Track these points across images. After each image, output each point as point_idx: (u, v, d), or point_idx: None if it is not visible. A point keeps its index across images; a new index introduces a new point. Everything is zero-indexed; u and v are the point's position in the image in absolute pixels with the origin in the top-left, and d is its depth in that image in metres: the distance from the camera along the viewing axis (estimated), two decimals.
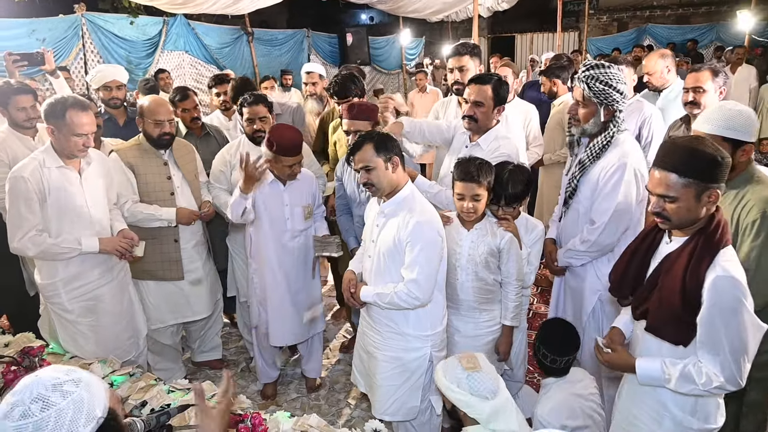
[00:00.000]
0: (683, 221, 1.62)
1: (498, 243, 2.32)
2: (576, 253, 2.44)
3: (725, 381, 1.56)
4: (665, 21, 13.41)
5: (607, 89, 2.22)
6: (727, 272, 1.53)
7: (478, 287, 2.37)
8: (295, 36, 10.89)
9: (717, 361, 1.56)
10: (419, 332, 2.25)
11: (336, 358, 3.60)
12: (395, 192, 2.19)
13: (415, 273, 2.09)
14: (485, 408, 1.77)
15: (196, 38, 8.37)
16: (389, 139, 2.19)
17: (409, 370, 2.27)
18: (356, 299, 2.29)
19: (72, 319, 2.55)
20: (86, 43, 6.47)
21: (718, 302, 1.54)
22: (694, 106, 2.84)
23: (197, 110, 3.53)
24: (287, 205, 2.79)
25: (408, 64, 13.23)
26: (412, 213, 2.13)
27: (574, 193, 2.43)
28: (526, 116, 3.78)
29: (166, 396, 2.02)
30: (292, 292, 2.88)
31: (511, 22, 14.51)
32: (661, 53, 3.74)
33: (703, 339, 1.59)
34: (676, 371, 1.62)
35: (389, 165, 2.14)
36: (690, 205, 1.57)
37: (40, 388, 1.01)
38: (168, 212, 2.84)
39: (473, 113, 2.57)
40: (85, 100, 2.45)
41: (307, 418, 1.94)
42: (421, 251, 2.09)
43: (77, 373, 1.08)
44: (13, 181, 2.36)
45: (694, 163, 1.55)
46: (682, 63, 7.06)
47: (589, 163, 2.35)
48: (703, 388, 1.58)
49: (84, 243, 2.45)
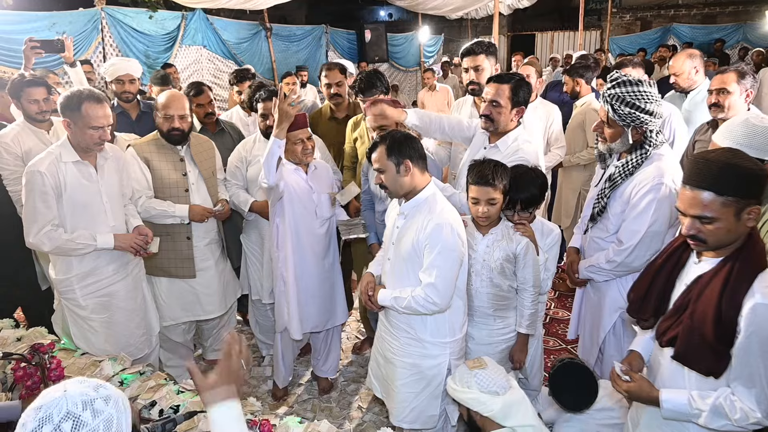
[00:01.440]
0: (722, 243, 1.50)
1: (514, 248, 2.24)
2: (599, 270, 2.33)
3: (763, 416, 1.43)
4: (690, 20, 13.11)
5: (634, 112, 2.05)
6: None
7: (493, 293, 2.30)
8: (314, 32, 10.85)
9: (752, 393, 1.44)
10: (438, 339, 2.18)
11: (348, 359, 3.56)
12: (414, 193, 2.13)
13: (433, 277, 2.03)
14: (497, 403, 1.78)
15: (215, 33, 8.38)
16: (404, 143, 2.09)
17: (427, 378, 2.21)
18: (374, 302, 2.23)
19: (85, 315, 2.54)
20: (105, 37, 6.51)
21: (757, 331, 1.42)
22: (718, 110, 2.74)
23: (212, 106, 3.50)
24: (315, 192, 2.79)
25: (426, 61, 13.14)
26: (431, 215, 2.06)
27: (603, 211, 2.30)
28: (548, 117, 3.69)
29: (176, 396, 1.99)
30: (320, 279, 2.89)
31: (532, 20, 14.32)
32: (689, 53, 3.62)
33: (739, 370, 1.46)
34: (706, 406, 1.50)
35: (400, 169, 2.07)
36: (730, 225, 1.45)
37: (69, 405, 0.97)
38: (181, 209, 2.82)
39: (489, 112, 2.48)
40: (101, 93, 2.43)
41: (317, 425, 1.89)
42: (439, 254, 2.02)
43: (106, 389, 1.04)
44: (30, 175, 2.34)
45: (732, 179, 1.43)
46: (710, 64, 6.87)
47: (621, 180, 2.21)
48: (737, 424, 1.46)
49: (99, 239, 2.43)
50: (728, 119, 2.67)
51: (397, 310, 2.16)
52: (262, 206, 3.00)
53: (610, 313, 2.39)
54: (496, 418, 1.80)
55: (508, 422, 1.79)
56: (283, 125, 2.47)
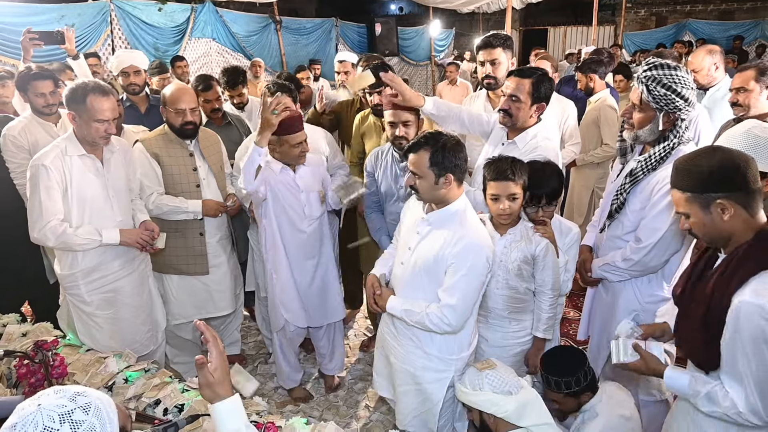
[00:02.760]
0: (710, 236, 1.53)
1: (533, 250, 2.16)
2: (615, 269, 2.25)
3: (747, 412, 1.44)
4: (707, 16, 12.89)
5: (670, 94, 1.97)
6: (757, 297, 1.37)
7: (508, 296, 2.23)
8: (324, 25, 10.79)
9: (741, 389, 1.45)
10: (445, 355, 2.10)
11: (355, 357, 3.52)
12: (445, 204, 1.99)
13: (455, 299, 1.92)
14: (511, 403, 1.75)
15: (224, 26, 8.35)
16: (452, 152, 1.92)
17: (425, 393, 2.14)
18: (380, 306, 2.15)
19: (90, 311, 2.51)
20: (114, 30, 6.49)
21: (740, 330, 1.40)
22: (740, 108, 2.70)
23: (219, 101, 3.43)
24: (303, 192, 2.71)
25: (437, 56, 13.03)
26: (463, 231, 1.93)
27: (622, 207, 2.21)
28: (563, 113, 3.59)
29: (180, 395, 1.96)
30: (311, 278, 2.83)
31: (545, 15, 14.15)
32: (709, 49, 3.53)
33: (727, 366, 1.48)
34: (704, 390, 1.53)
35: (440, 181, 1.93)
36: (702, 219, 1.49)
37: (46, 420, 0.89)
38: (194, 204, 2.77)
39: (508, 107, 2.39)
40: (106, 85, 2.39)
41: (324, 426, 1.84)
42: (464, 277, 1.91)
43: (85, 396, 0.96)
44: (34, 169, 2.31)
45: (685, 177, 1.50)
46: (728, 61, 6.73)
47: (642, 175, 2.12)
48: (724, 412, 1.48)
49: (104, 234, 2.40)
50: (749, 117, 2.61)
51: (406, 322, 2.08)
52: None
53: (624, 315, 2.29)
54: (511, 418, 1.77)
55: (523, 422, 1.76)
56: (265, 133, 2.38)
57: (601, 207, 2.48)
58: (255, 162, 2.40)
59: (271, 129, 2.39)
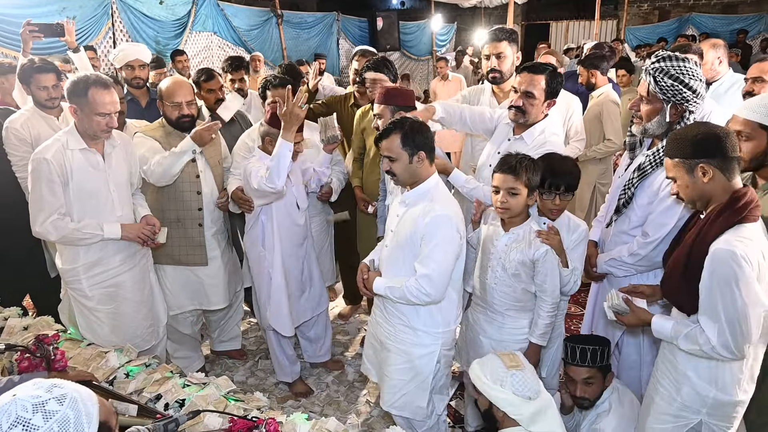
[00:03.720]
0: (692, 198, 1.75)
1: (532, 254, 2.13)
2: (621, 264, 2.25)
3: (719, 346, 1.65)
4: (710, 10, 12.79)
5: (677, 85, 1.98)
6: (729, 245, 1.59)
7: (504, 293, 2.22)
8: (325, 19, 10.75)
9: (715, 327, 1.66)
10: (430, 329, 2.16)
11: (356, 351, 3.52)
12: (419, 183, 2.11)
13: (429, 268, 2.00)
14: (529, 408, 1.73)
15: (225, 19, 8.31)
16: (420, 132, 2.06)
17: (416, 368, 2.20)
18: (368, 288, 2.21)
19: (91, 306, 2.51)
20: (115, 23, 6.46)
21: (715, 272, 1.62)
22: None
23: (222, 92, 3.42)
24: (294, 186, 2.77)
25: (438, 50, 12.98)
26: (432, 205, 2.04)
27: (630, 202, 2.21)
28: (568, 108, 3.57)
29: (181, 390, 1.96)
30: (300, 268, 2.92)
31: (546, 9, 14.07)
32: (713, 43, 3.51)
33: (703, 306, 1.69)
34: (684, 330, 1.75)
35: (413, 159, 2.05)
36: (686, 181, 1.72)
37: (19, 410, 0.90)
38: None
39: (522, 104, 2.37)
40: (108, 78, 2.38)
41: (325, 422, 1.84)
42: (436, 246, 2.01)
43: (62, 388, 0.96)
44: (36, 162, 2.30)
45: (673, 144, 1.74)
46: (732, 55, 6.68)
47: (651, 169, 2.12)
48: (700, 347, 1.70)
49: (106, 229, 2.39)
50: None
51: (392, 300, 2.14)
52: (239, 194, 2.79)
53: None
54: (523, 422, 1.75)
55: (535, 427, 1.74)
56: (293, 128, 2.42)
57: (607, 202, 2.47)
58: (287, 158, 2.43)
59: (299, 122, 2.44)
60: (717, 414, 1.79)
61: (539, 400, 1.76)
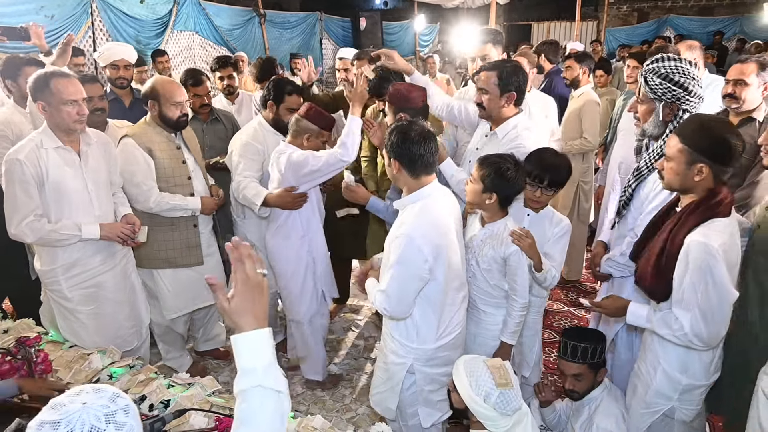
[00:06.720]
0: (673, 183, 1.79)
1: (502, 252, 2.15)
2: (616, 265, 2.29)
3: (692, 335, 1.72)
4: (687, 12, 13.07)
5: (667, 83, 2.03)
6: (704, 238, 1.66)
7: (478, 287, 2.26)
8: (308, 19, 10.72)
9: (688, 316, 1.72)
10: (403, 340, 2.11)
11: (345, 351, 3.52)
12: (406, 193, 2.06)
13: (385, 285, 1.97)
14: (507, 423, 1.74)
15: (207, 19, 8.24)
16: (409, 143, 1.93)
17: (390, 372, 2.19)
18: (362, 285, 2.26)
19: (71, 307, 2.47)
20: (95, 22, 6.36)
21: (689, 264, 1.68)
22: (733, 100, 2.63)
23: (209, 97, 3.40)
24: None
25: (422, 50, 13.03)
26: (404, 221, 1.97)
27: (628, 204, 2.26)
28: (544, 109, 3.63)
29: (166, 391, 1.95)
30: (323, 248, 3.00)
31: (528, 10, 14.23)
32: (689, 45, 3.56)
33: (677, 296, 1.75)
34: (659, 315, 1.82)
35: (400, 168, 1.99)
36: (679, 168, 1.74)
37: (92, 419, 0.93)
38: (194, 202, 2.78)
39: (480, 100, 2.47)
40: (68, 71, 2.36)
41: (311, 419, 1.85)
42: (395, 265, 1.94)
43: (124, 399, 1.01)
44: (9, 164, 2.25)
45: (695, 135, 1.71)
46: (708, 56, 6.83)
47: (648, 172, 2.17)
48: (674, 333, 1.77)
49: (84, 229, 2.35)
50: (742, 111, 2.61)
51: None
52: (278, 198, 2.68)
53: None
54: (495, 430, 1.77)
55: None
56: (360, 106, 2.65)
57: (613, 204, 2.53)
58: (358, 133, 2.61)
59: (364, 101, 2.67)
60: (686, 399, 1.92)
61: (518, 414, 1.75)
